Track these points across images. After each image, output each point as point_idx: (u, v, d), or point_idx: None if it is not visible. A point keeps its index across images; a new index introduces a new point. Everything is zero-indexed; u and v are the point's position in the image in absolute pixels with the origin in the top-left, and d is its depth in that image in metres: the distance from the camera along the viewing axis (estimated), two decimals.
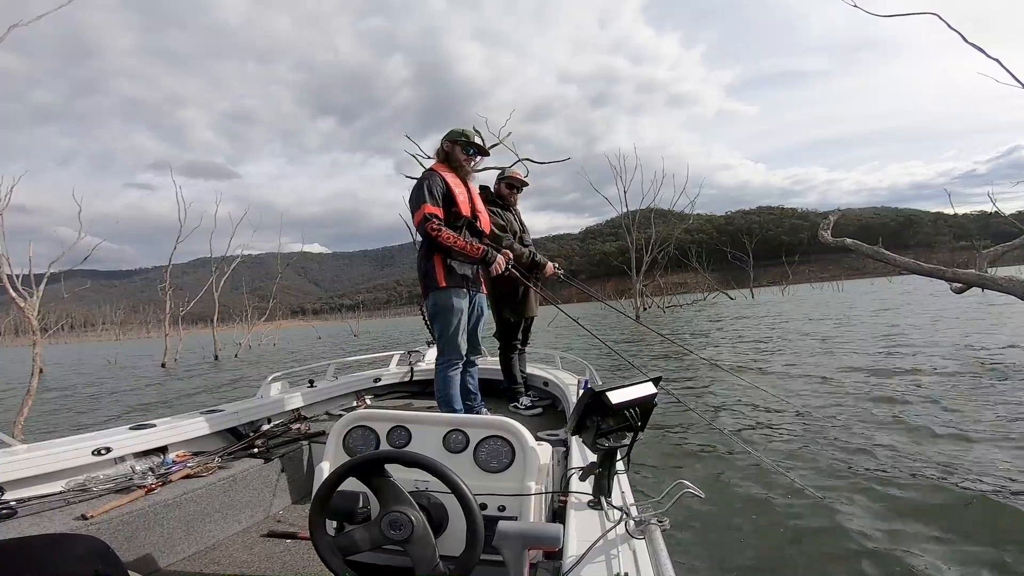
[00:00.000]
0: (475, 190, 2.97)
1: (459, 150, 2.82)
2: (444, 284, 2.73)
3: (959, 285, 6.26)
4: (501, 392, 3.54)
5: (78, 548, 1.22)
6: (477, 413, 2.91)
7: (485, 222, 2.93)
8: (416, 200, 2.69)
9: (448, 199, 2.71)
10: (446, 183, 2.73)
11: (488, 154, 3.00)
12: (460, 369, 2.81)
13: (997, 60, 5.64)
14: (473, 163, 2.90)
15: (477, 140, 2.86)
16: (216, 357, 20.47)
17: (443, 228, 2.64)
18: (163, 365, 18.49)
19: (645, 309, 29.69)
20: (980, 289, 6.00)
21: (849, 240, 7.20)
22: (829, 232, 7.43)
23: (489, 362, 3.25)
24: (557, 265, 3.49)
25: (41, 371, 18.39)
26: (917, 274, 6.44)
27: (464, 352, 2.80)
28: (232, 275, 25.24)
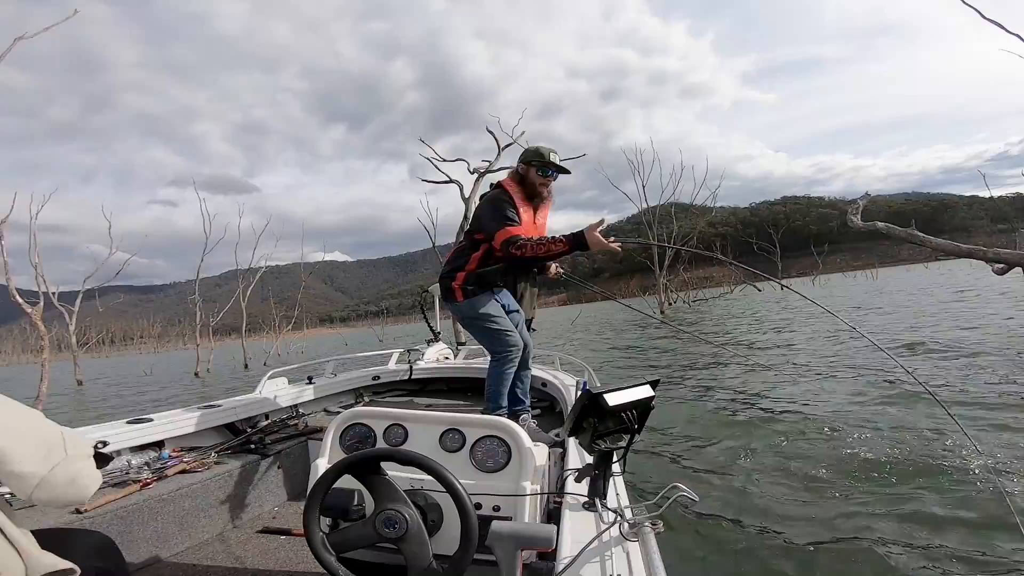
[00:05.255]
0: (543, 218, 2.74)
1: (534, 172, 2.61)
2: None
3: (1001, 266, 5.98)
4: None
5: (83, 542, 1.21)
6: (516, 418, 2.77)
7: None
8: (493, 219, 2.53)
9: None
10: (517, 212, 2.56)
11: (568, 172, 2.76)
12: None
13: (1018, 35, 5.38)
14: (550, 187, 2.69)
15: (554, 159, 2.63)
16: (246, 366, 21.03)
17: (526, 244, 2.44)
18: (196, 375, 19.08)
19: (670, 304, 29.31)
20: (1022, 269, 5.75)
21: (881, 224, 6.91)
22: (859, 217, 7.16)
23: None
24: (558, 265, 3.44)
25: (80, 383, 19.07)
26: (956, 256, 6.18)
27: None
28: (259, 286, 25.90)
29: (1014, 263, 5.70)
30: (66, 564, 1.09)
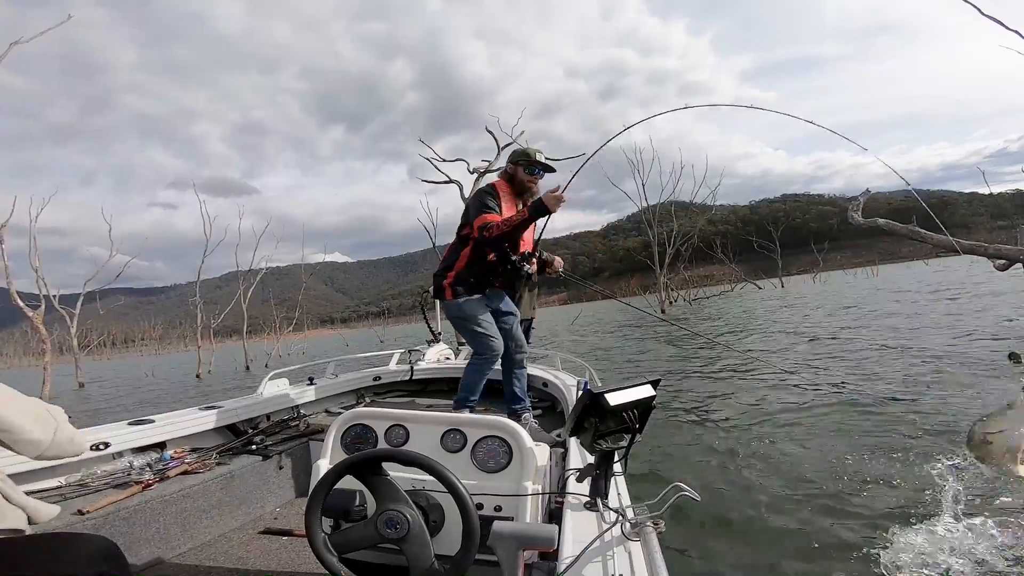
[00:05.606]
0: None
1: (522, 171, 2.74)
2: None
3: (1002, 262, 5.97)
4: (500, 392, 3.47)
5: (87, 547, 1.21)
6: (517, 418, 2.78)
7: (526, 247, 2.80)
8: (474, 210, 2.66)
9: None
10: (499, 204, 2.68)
11: (554, 170, 2.88)
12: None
13: (1017, 32, 5.37)
14: (538, 184, 2.79)
15: (540, 158, 2.75)
16: (247, 367, 21.05)
17: (492, 225, 2.58)
18: (197, 376, 19.09)
19: (671, 303, 29.31)
20: (1022, 265, 5.75)
21: (882, 220, 6.91)
22: (859, 213, 7.16)
23: None
24: (560, 262, 3.46)
25: (82, 385, 19.10)
26: (956, 252, 6.16)
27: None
28: (260, 287, 25.92)
29: (1014, 259, 5.70)
30: (56, 509, 1.38)
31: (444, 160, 16.93)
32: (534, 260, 2.78)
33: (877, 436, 3.96)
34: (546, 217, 2.66)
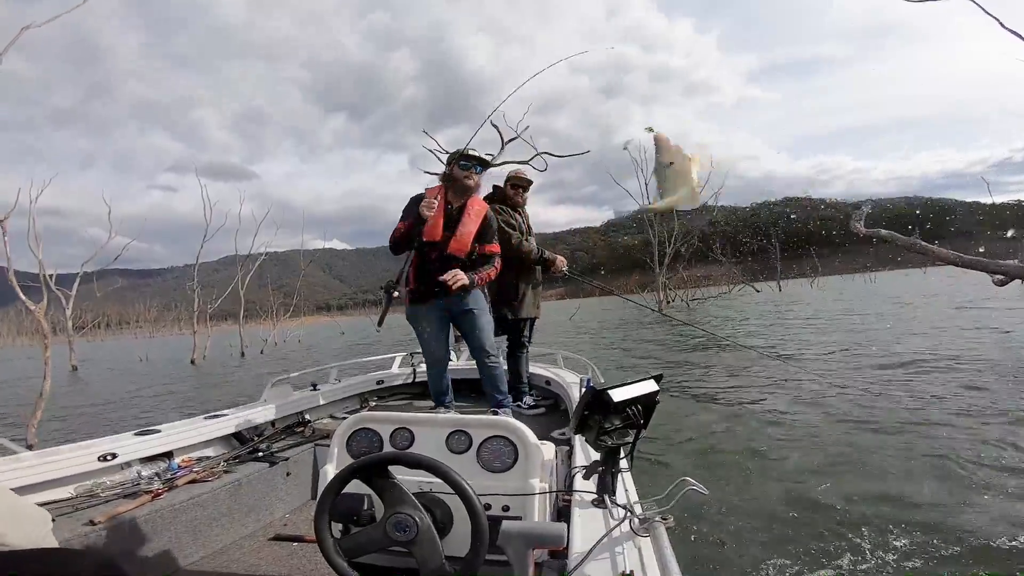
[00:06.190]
0: (471, 210, 2.88)
1: (457, 169, 2.86)
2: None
3: (1000, 277, 6.00)
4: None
5: (84, 564, 1.20)
6: (501, 412, 2.85)
7: (457, 246, 2.82)
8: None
9: (420, 220, 2.72)
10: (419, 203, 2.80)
11: (487, 163, 3.00)
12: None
13: None
14: (476, 178, 2.88)
15: (471, 153, 2.89)
16: (243, 354, 20.94)
17: (392, 235, 2.81)
18: (192, 362, 18.99)
19: (669, 303, 29.35)
20: (1021, 281, 5.78)
21: (884, 232, 6.96)
22: (862, 223, 7.20)
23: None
24: (563, 261, 3.48)
25: (75, 368, 18.91)
26: (956, 266, 6.20)
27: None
28: (259, 272, 25.82)
29: (1014, 275, 5.72)
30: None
31: (447, 152, 16.85)
32: (398, 288, 2.73)
33: (878, 434, 4.00)
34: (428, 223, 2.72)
